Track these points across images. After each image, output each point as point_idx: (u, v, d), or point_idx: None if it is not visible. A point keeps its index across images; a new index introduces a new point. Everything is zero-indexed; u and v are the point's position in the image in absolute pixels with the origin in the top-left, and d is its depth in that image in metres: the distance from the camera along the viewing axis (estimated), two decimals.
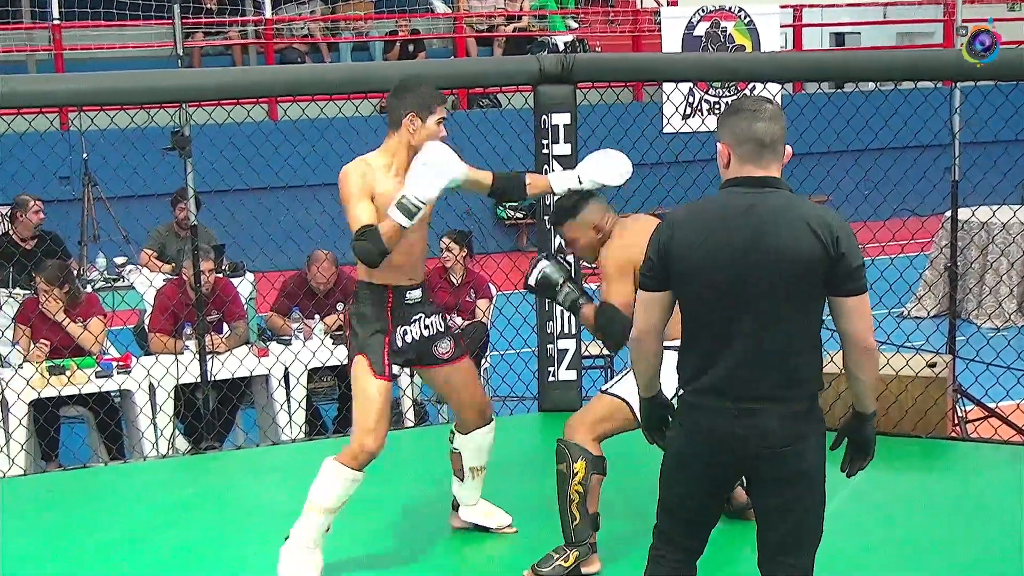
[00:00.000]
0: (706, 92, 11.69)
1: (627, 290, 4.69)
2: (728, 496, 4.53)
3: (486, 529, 5.27)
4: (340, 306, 7.71)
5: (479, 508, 5.31)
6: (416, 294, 4.87)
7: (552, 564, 4.81)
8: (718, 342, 3.45)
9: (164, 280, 8.22)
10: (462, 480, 5.23)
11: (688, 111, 11.81)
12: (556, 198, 5.19)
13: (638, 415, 4.25)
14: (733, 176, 3.49)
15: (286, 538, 4.78)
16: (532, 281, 4.98)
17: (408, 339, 4.86)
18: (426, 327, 4.92)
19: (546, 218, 5.29)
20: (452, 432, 5.26)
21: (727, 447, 3.47)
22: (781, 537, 3.53)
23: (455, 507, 5.34)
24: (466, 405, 5.12)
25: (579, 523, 4.78)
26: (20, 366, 6.94)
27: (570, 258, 5.95)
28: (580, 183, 4.98)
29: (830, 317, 3.49)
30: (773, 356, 3.42)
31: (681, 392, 3.59)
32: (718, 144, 3.52)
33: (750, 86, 9.01)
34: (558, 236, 5.23)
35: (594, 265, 5.00)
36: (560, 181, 5.06)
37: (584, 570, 4.85)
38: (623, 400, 4.78)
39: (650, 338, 3.59)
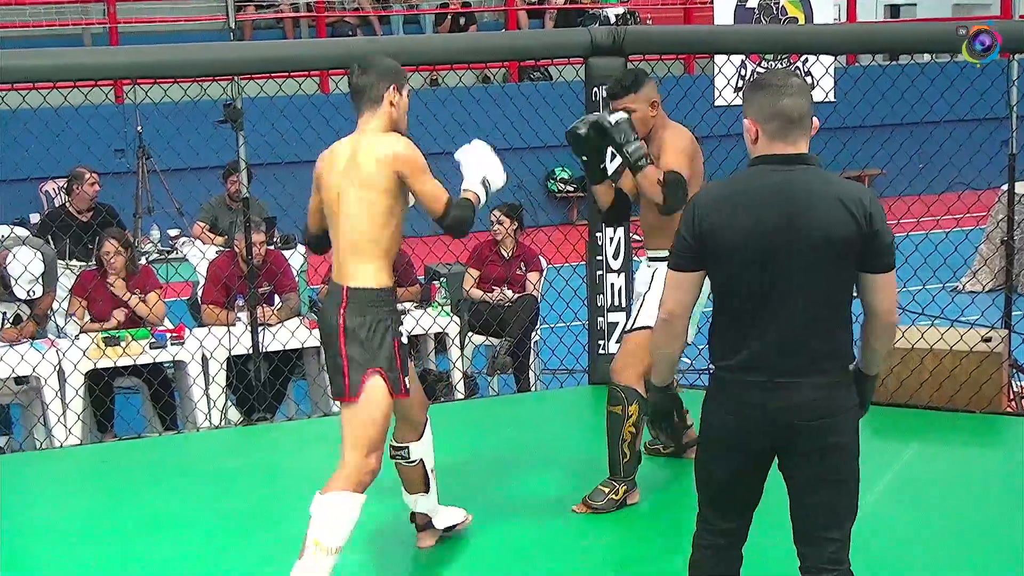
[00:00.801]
0: (758, 64, 11.60)
1: (687, 169, 5.03)
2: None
3: (452, 528, 4.95)
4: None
5: (444, 510, 4.93)
6: None
7: (604, 498, 5.17)
8: (752, 319, 3.45)
9: (216, 252, 8.27)
10: (427, 491, 4.78)
11: (740, 84, 11.74)
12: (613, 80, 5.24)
13: None
14: (762, 153, 3.49)
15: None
16: (614, 119, 4.95)
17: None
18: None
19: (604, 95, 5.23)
20: (399, 448, 4.71)
21: (762, 421, 3.47)
22: (817, 511, 3.52)
23: (424, 525, 4.92)
24: (417, 405, 4.66)
25: (629, 460, 5.18)
26: (76, 337, 7.03)
27: None
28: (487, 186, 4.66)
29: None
30: (807, 331, 3.42)
31: (714, 369, 3.58)
32: (744, 120, 3.51)
33: (803, 59, 8.94)
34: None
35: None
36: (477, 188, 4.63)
37: (629, 501, 5.24)
38: (645, 328, 5.00)
39: (681, 318, 3.57)
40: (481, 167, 4.57)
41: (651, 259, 5.32)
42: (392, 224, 4.35)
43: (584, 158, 5.17)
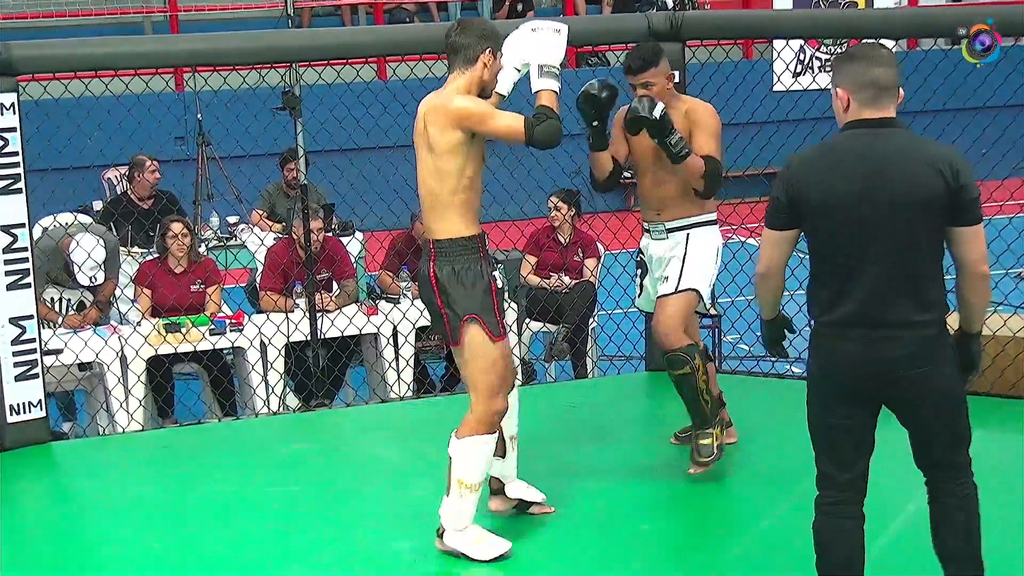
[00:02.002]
0: (817, 49, 11.49)
1: (720, 152, 5.20)
2: None
3: (527, 506, 4.98)
4: None
5: (520, 483, 5.00)
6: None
7: (711, 448, 5.24)
8: (849, 274, 3.64)
9: (275, 239, 8.33)
10: (504, 456, 4.86)
11: (799, 68, 11.63)
12: (632, 50, 5.25)
13: (705, 298, 5.31)
14: (853, 119, 3.69)
15: (440, 535, 4.71)
16: (658, 113, 5.00)
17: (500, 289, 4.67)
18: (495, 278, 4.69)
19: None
20: None
21: (863, 373, 3.65)
22: (931, 446, 3.74)
23: (497, 490, 4.96)
24: (508, 368, 4.72)
25: (711, 404, 5.26)
26: (138, 323, 7.10)
27: None
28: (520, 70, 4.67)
29: None
30: (901, 285, 3.61)
31: (814, 325, 3.76)
32: (836, 90, 3.71)
33: (876, 44, 8.84)
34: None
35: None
36: (545, 84, 4.55)
37: (727, 442, 5.41)
38: (694, 290, 5.23)
39: (776, 275, 3.81)
40: (534, 53, 4.52)
41: (672, 229, 5.33)
42: (466, 178, 4.47)
43: (595, 124, 5.16)
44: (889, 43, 7.61)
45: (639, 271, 5.55)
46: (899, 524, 4.72)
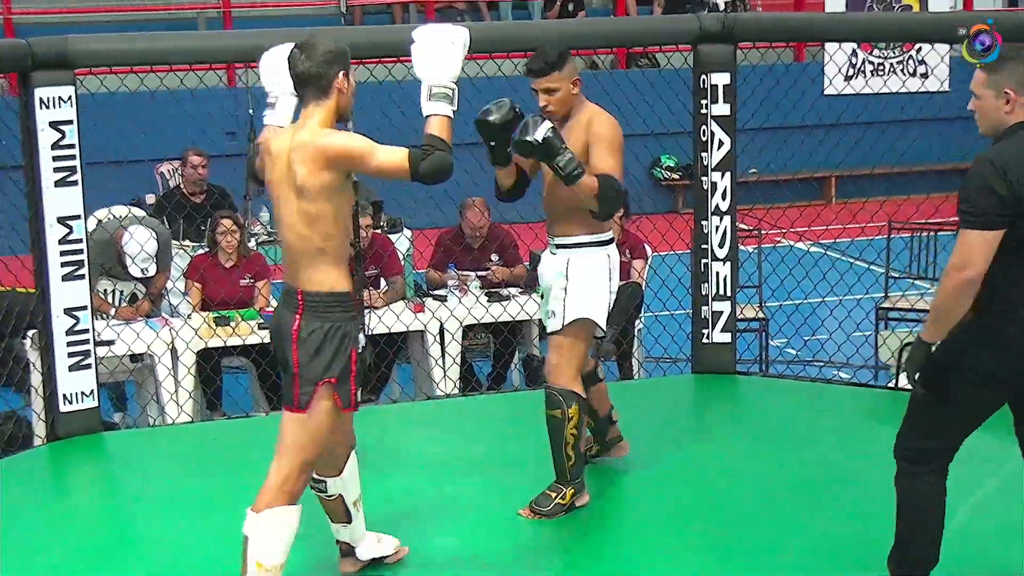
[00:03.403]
0: (870, 53, 11.45)
1: (619, 166, 4.85)
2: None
3: (381, 560, 4.70)
4: (495, 257, 7.80)
5: (369, 541, 4.67)
6: None
7: (551, 504, 5.02)
8: None
9: None
10: (349, 522, 4.55)
11: (851, 72, 11.58)
12: (535, 52, 4.94)
13: (600, 323, 5.02)
14: (1022, 120, 3.75)
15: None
16: (540, 136, 4.62)
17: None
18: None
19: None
20: (318, 481, 4.45)
21: None
22: None
23: (347, 552, 4.65)
24: (341, 438, 4.41)
25: (574, 463, 5.02)
26: (189, 316, 7.18)
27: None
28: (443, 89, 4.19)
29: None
30: None
31: (989, 317, 3.77)
32: (1005, 91, 3.75)
33: (916, 48, 8.79)
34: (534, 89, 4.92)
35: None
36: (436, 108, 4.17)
37: (578, 503, 5.10)
38: (585, 320, 4.98)
39: (980, 280, 3.71)
40: (424, 70, 4.14)
41: (560, 246, 5.05)
42: (340, 222, 4.05)
43: (492, 143, 4.89)
44: (943, 48, 7.59)
45: (538, 284, 5.32)
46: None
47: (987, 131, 3.84)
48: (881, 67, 11.94)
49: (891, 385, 6.75)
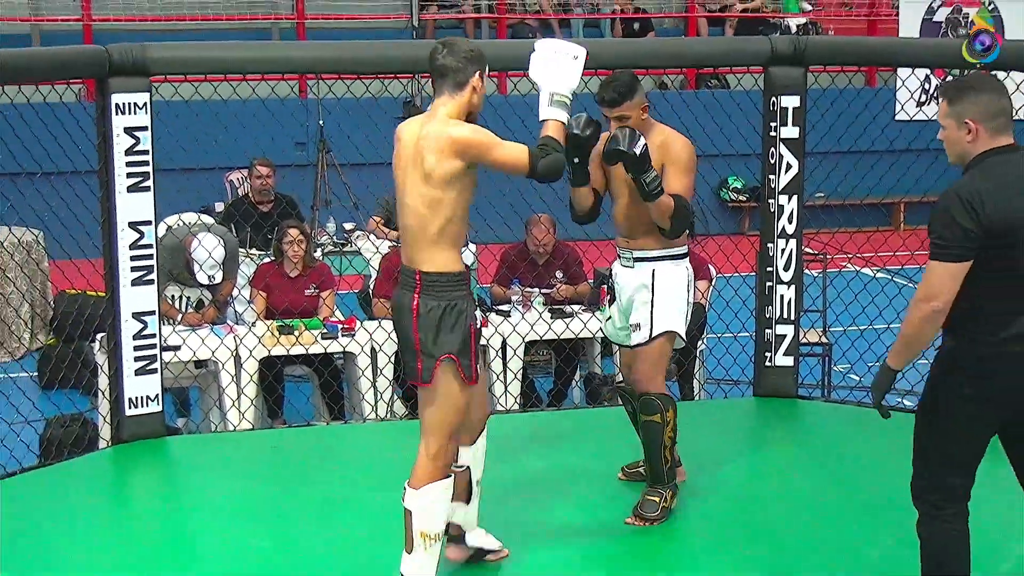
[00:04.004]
0: (943, 79, 11.32)
1: (692, 186, 5.10)
2: None
3: (484, 554, 4.80)
4: (559, 274, 7.80)
5: (480, 531, 4.80)
6: None
7: (657, 508, 5.15)
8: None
9: (390, 247, 8.42)
10: (467, 502, 4.70)
11: (924, 98, 11.48)
12: (606, 81, 5.10)
13: (682, 335, 5.16)
14: (988, 148, 3.79)
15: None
16: (638, 150, 4.86)
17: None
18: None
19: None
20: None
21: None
22: None
23: (456, 537, 4.74)
24: (476, 407, 4.61)
25: (671, 465, 5.17)
26: (253, 324, 7.24)
27: None
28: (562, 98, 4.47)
29: None
30: None
31: (971, 343, 3.82)
32: (966, 121, 3.78)
33: (991, 74, 8.70)
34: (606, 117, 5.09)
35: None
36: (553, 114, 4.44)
37: (672, 506, 5.24)
38: (668, 332, 5.12)
39: (946, 309, 3.77)
40: (547, 78, 4.41)
41: (640, 259, 5.20)
42: (460, 208, 4.29)
43: (576, 161, 5.01)
44: (1020, 76, 7.52)
45: (608, 296, 5.44)
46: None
47: (955, 160, 3.88)
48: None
49: None
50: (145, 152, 5.97)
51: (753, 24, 15.06)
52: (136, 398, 6.11)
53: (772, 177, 6.62)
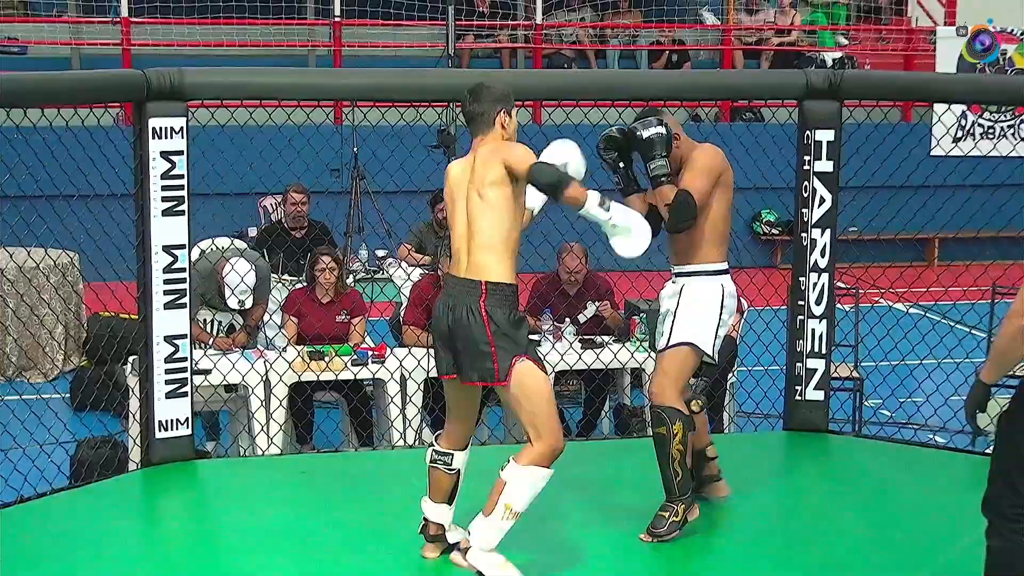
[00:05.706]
0: (980, 116, 11.31)
1: (706, 191, 5.13)
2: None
3: (454, 546, 5.05)
4: (591, 305, 7.78)
5: (459, 529, 5.06)
6: None
7: (665, 523, 5.16)
8: None
9: (421, 274, 8.44)
10: (450, 504, 5.02)
11: (960, 134, 11.44)
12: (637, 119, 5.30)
13: (706, 350, 5.19)
14: None
15: (463, 550, 4.88)
16: (646, 134, 5.08)
17: None
18: None
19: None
20: (443, 454, 4.99)
21: None
22: None
23: (435, 537, 5.07)
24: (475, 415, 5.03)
25: (682, 479, 5.18)
26: (283, 349, 7.26)
27: None
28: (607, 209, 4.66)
29: None
30: None
31: None
32: None
33: None
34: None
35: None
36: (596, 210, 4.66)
37: (690, 518, 5.25)
38: (687, 344, 5.17)
39: None
40: (562, 159, 4.78)
41: (678, 275, 5.35)
42: (516, 223, 4.66)
43: (621, 164, 5.26)
44: None
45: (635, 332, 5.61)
46: None
47: None
48: (991, 130, 11.78)
49: (989, 452, 6.61)
50: (180, 176, 6.01)
51: (789, 57, 15.05)
52: (166, 421, 6.13)
53: (805, 211, 6.61)
